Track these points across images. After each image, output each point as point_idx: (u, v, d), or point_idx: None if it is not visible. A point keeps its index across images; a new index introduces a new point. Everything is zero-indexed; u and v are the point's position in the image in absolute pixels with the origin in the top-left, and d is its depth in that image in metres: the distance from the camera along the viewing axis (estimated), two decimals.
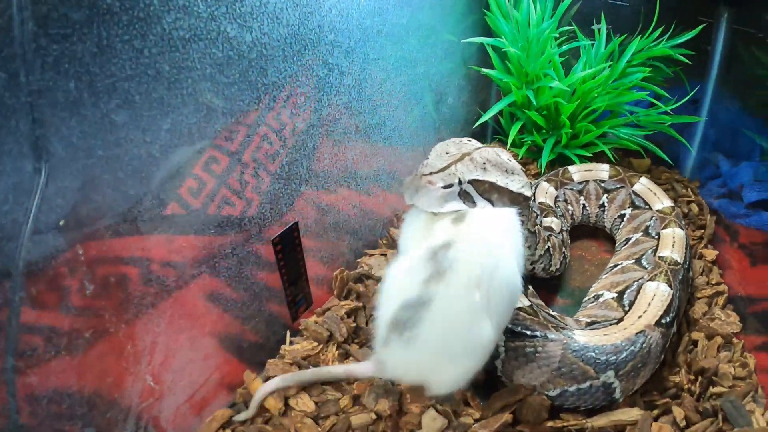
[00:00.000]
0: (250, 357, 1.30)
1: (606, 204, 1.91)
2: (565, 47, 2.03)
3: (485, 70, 2.01)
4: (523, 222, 1.17)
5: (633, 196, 1.85)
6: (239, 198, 1.16)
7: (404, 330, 0.99)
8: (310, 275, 1.43)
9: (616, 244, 1.85)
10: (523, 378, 1.27)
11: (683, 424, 1.25)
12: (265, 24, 1.09)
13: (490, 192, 1.16)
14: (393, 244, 1.67)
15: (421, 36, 1.74)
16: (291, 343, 1.40)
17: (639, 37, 1.97)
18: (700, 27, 1.89)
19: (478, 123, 2.04)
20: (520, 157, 2.10)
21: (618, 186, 1.90)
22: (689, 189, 2.08)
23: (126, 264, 0.93)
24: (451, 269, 0.98)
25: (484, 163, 1.17)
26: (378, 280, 1.58)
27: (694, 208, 1.99)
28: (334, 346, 1.38)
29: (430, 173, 1.12)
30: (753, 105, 1.98)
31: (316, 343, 1.38)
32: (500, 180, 1.18)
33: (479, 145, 1.27)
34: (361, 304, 1.50)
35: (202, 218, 1.07)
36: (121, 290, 0.92)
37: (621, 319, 1.36)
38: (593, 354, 1.23)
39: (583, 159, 2.05)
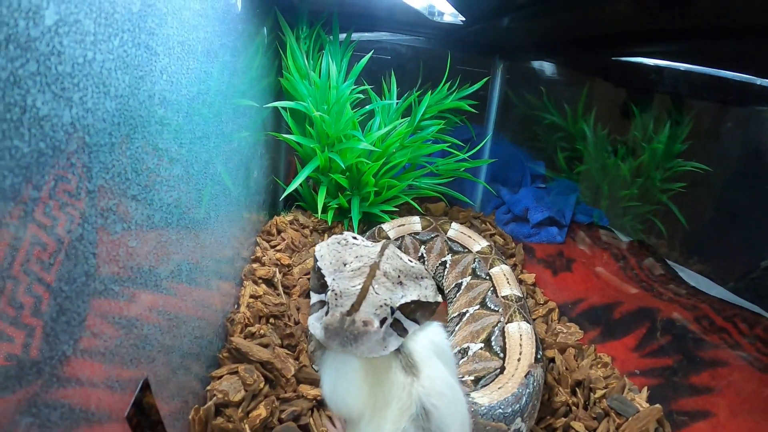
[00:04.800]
0: None
1: (425, 255, 1.95)
2: (366, 108, 2.03)
3: (285, 136, 1.86)
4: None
5: (450, 243, 1.93)
6: (17, 328, 0.68)
7: None
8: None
9: (446, 292, 1.89)
10: None
11: None
12: (90, 94, 0.75)
13: (415, 311, 1.03)
14: (240, 357, 1.38)
15: (234, 104, 1.50)
16: None
17: (430, 92, 2.09)
18: (484, 80, 2.11)
19: (285, 193, 1.88)
20: (330, 222, 2.00)
21: (432, 235, 1.96)
22: (487, 223, 2.28)
23: None
24: None
25: (399, 276, 1.05)
26: (238, 405, 1.28)
27: (499, 239, 2.17)
28: None
29: (353, 306, 0.94)
30: (521, 140, 2.31)
31: None
32: (420, 294, 1.06)
33: (367, 243, 1.15)
34: None
35: None
36: None
37: (503, 367, 1.38)
38: (500, 410, 1.23)
39: (390, 214, 2.07)
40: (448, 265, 1.91)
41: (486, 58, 2.27)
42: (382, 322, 0.93)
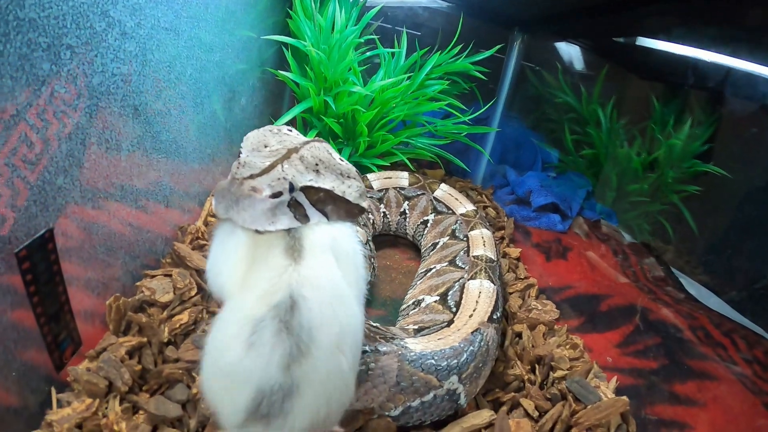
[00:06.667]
0: (3, 426, 0.89)
1: (407, 211, 1.87)
2: (367, 54, 1.99)
3: (282, 73, 1.84)
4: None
5: (435, 202, 1.84)
6: None
7: (271, 420, 0.77)
8: (78, 309, 1.05)
9: (423, 251, 1.81)
10: (358, 401, 1.08)
11: (536, 414, 1.21)
12: None
13: (325, 202, 0.93)
14: (179, 262, 1.34)
15: (219, 20, 1.48)
16: (59, 403, 0.99)
17: (439, 52, 2.02)
18: (498, 47, 2.05)
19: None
20: None
21: (418, 193, 1.88)
22: (483, 195, 2.19)
23: None
24: (312, 341, 0.77)
25: (317, 164, 0.93)
26: (163, 306, 1.24)
27: (492, 212, 2.08)
28: (116, 399, 1.01)
29: (251, 176, 0.84)
30: (532, 119, 2.21)
31: (91, 400, 0.99)
32: (337, 187, 0.95)
33: (303, 137, 1.02)
34: (145, 339, 1.14)
35: None
36: None
37: (451, 321, 1.26)
38: (433, 361, 1.11)
39: (381, 168, 2.01)
40: (429, 224, 1.82)
41: (505, 30, 2.19)
42: (276, 195, 0.85)
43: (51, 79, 0.89)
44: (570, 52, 2.13)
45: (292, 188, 0.86)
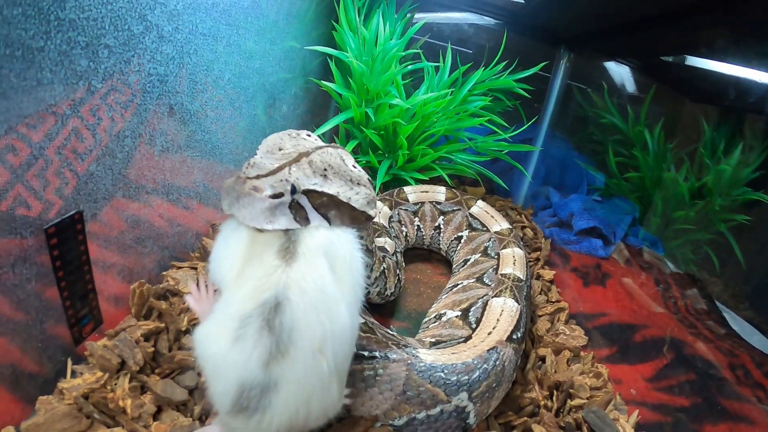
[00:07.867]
0: (19, 389, 0.96)
1: (442, 226, 1.86)
2: (409, 68, 2.01)
3: (325, 83, 1.89)
4: (362, 244, 0.98)
5: (470, 219, 1.82)
6: (38, 200, 0.91)
7: (252, 414, 0.80)
8: (105, 291, 1.12)
9: (454, 266, 1.79)
10: (363, 407, 1.07)
11: None
12: None
13: (328, 207, 0.94)
14: (206, 257, 1.39)
15: (261, 29, 1.55)
16: (73, 374, 1.05)
17: (483, 68, 2.02)
18: (542, 64, 2.03)
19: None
20: None
21: (454, 208, 1.86)
22: (523, 216, 2.16)
23: None
24: (292, 343, 0.79)
25: (326, 169, 0.95)
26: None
27: (529, 232, 2.04)
28: (126, 377, 1.05)
29: (257, 176, 0.87)
30: (577, 140, 2.16)
31: (102, 374, 1.04)
32: (342, 192, 0.96)
33: (320, 143, 1.04)
34: (163, 325, 1.19)
35: None
36: None
37: (469, 337, 1.23)
38: (442, 374, 1.07)
39: (420, 182, 2.01)
40: (463, 240, 1.80)
41: (551, 47, 2.16)
42: (277, 196, 0.87)
43: (88, 74, 0.96)
44: (617, 71, 2.07)
45: (294, 190, 0.89)
